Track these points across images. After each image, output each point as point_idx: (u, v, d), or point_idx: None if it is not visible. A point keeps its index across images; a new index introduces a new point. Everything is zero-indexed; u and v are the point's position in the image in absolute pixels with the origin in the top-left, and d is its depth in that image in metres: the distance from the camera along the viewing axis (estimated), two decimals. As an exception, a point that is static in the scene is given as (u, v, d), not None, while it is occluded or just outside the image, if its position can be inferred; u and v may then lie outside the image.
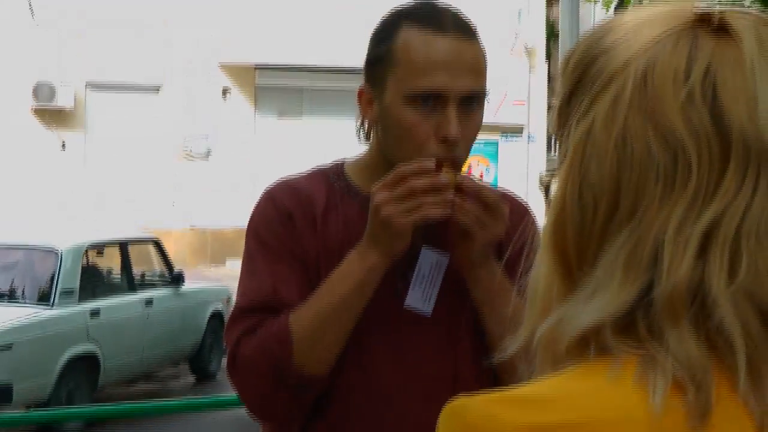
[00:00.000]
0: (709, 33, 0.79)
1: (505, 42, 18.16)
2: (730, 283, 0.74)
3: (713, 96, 0.76)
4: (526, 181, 17.66)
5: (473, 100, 1.75)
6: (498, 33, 17.69)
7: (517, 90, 18.41)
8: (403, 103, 1.72)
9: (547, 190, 0.93)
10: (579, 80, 0.82)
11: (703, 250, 0.74)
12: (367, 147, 1.88)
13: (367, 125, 1.86)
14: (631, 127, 0.78)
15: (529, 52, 18.77)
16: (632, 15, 0.83)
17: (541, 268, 0.83)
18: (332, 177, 1.88)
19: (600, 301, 0.76)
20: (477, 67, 1.75)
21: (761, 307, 0.74)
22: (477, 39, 1.78)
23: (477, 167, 18.31)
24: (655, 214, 0.76)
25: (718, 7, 0.80)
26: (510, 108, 18.36)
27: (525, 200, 1.97)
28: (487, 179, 18.03)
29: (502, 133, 18.54)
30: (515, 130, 18.72)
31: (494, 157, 18.51)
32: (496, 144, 18.52)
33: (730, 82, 0.76)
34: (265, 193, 1.86)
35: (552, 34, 19.80)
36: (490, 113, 18.72)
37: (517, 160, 18.39)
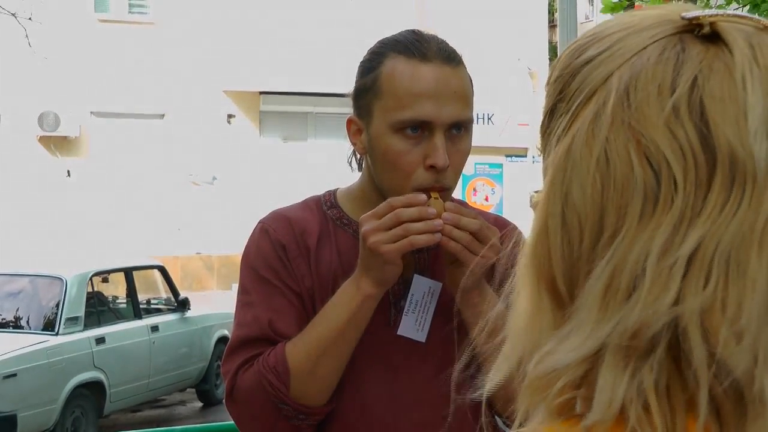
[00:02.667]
0: (698, 41, 0.73)
1: (508, 64, 18.23)
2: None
3: (700, 110, 0.70)
4: (530, 202, 17.64)
5: (460, 128, 1.75)
6: (501, 56, 17.76)
7: (521, 112, 18.46)
8: (391, 133, 1.72)
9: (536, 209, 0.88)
10: (560, 94, 0.77)
11: (685, 276, 0.68)
12: (359, 175, 1.89)
13: (357, 154, 1.87)
14: (613, 145, 0.72)
15: (532, 74, 18.82)
16: (617, 23, 0.77)
17: (522, 300, 0.77)
18: (325, 206, 1.88)
19: (574, 340, 0.70)
20: (463, 95, 1.75)
21: (706, 341, 0.67)
22: (462, 67, 1.78)
23: (482, 189, 18.34)
24: (635, 238, 0.70)
25: (709, 11, 0.74)
26: (514, 130, 18.40)
27: (515, 224, 1.96)
28: (493, 200, 18.06)
29: (507, 154, 18.58)
30: (520, 152, 18.76)
31: (499, 178, 18.53)
32: (501, 166, 18.55)
33: (718, 94, 0.70)
34: (258, 224, 1.87)
35: (555, 55, 19.86)
36: (495, 135, 18.72)
37: (521, 181, 18.41)
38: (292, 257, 1.81)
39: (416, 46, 1.75)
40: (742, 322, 0.67)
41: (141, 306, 9.20)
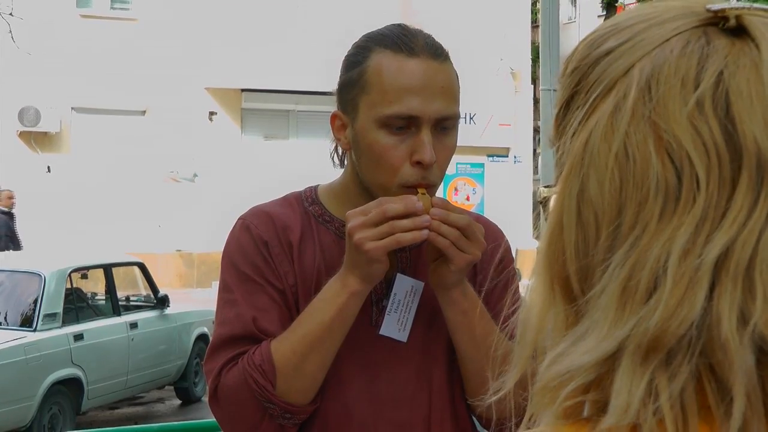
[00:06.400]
0: (723, 34, 0.70)
1: (490, 65, 18.25)
2: (743, 325, 0.64)
3: (726, 106, 0.67)
4: (512, 202, 17.69)
5: (447, 123, 1.73)
6: (484, 56, 17.78)
7: (503, 112, 18.49)
8: (377, 128, 1.70)
9: (544, 205, 0.84)
10: (577, 86, 0.75)
11: (713, 283, 0.65)
12: (341, 172, 1.87)
13: (340, 150, 1.85)
14: (632, 139, 0.69)
15: (515, 75, 18.85)
16: (638, 14, 0.74)
17: (535, 297, 0.75)
18: (306, 202, 1.86)
19: (590, 342, 0.68)
20: (450, 90, 1.73)
21: (765, 353, 0.64)
22: (449, 62, 1.75)
23: (464, 188, 18.36)
24: (655, 237, 0.67)
25: (734, 3, 0.72)
26: (496, 130, 18.43)
27: (497, 224, 1.95)
28: (474, 200, 18.08)
29: (489, 154, 18.60)
30: (501, 152, 18.79)
31: (481, 178, 18.56)
32: (483, 165, 18.58)
33: (745, 90, 0.67)
34: (239, 221, 1.84)
35: (537, 56, 19.93)
36: (477, 135, 18.75)
37: (503, 181, 18.44)
38: (274, 254, 1.79)
39: (403, 40, 1.73)
40: None
41: (120, 303, 9.15)
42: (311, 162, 15.67)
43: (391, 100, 1.69)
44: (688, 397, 0.66)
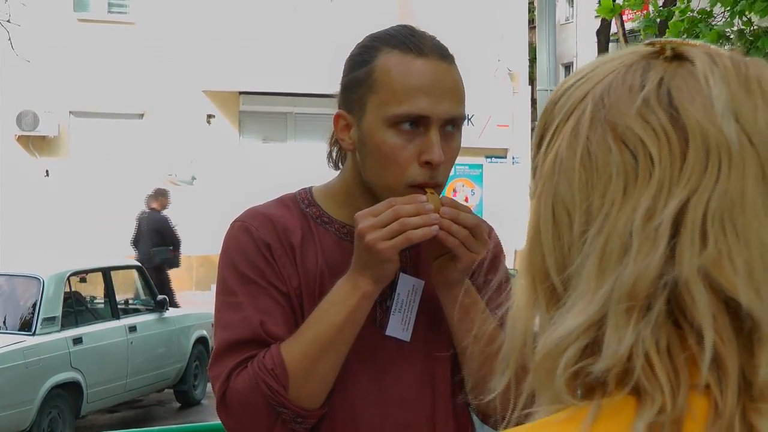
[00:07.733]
0: (661, 60, 0.83)
1: (488, 66, 18.24)
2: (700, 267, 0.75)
3: (668, 99, 0.79)
4: (510, 203, 17.68)
5: (453, 124, 1.74)
6: (481, 57, 17.77)
7: (501, 113, 18.48)
8: (385, 127, 1.70)
9: None
10: (546, 123, 0.86)
11: (673, 236, 0.76)
12: (338, 173, 1.86)
13: (338, 151, 1.85)
14: (593, 141, 0.80)
15: (512, 76, 18.85)
16: (593, 61, 0.87)
17: (520, 298, 0.84)
18: (302, 204, 1.85)
19: (578, 308, 0.77)
20: (457, 92, 1.74)
21: (720, 293, 0.75)
22: (455, 63, 1.77)
23: (462, 190, 18.34)
24: (621, 210, 0.77)
25: (671, 39, 0.84)
26: (494, 131, 18.42)
27: (487, 221, 1.96)
28: (473, 201, 18.07)
29: (487, 155, 18.59)
30: (499, 153, 18.78)
31: (479, 179, 18.55)
32: (481, 167, 18.57)
33: (684, 88, 0.79)
34: (237, 222, 1.82)
35: (535, 57, 19.91)
36: (475, 136, 18.64)
37: (501, 182, 18.43)
38: (277, 257, 1.77)
39: (411, 40, 1.74)
40: (756, 279, 0.75)
41: (119, 306, 9.14)
42: (310, 164, 15.66)
43: (401, 99, 1.70)
44: (675, 349, 0.75)
